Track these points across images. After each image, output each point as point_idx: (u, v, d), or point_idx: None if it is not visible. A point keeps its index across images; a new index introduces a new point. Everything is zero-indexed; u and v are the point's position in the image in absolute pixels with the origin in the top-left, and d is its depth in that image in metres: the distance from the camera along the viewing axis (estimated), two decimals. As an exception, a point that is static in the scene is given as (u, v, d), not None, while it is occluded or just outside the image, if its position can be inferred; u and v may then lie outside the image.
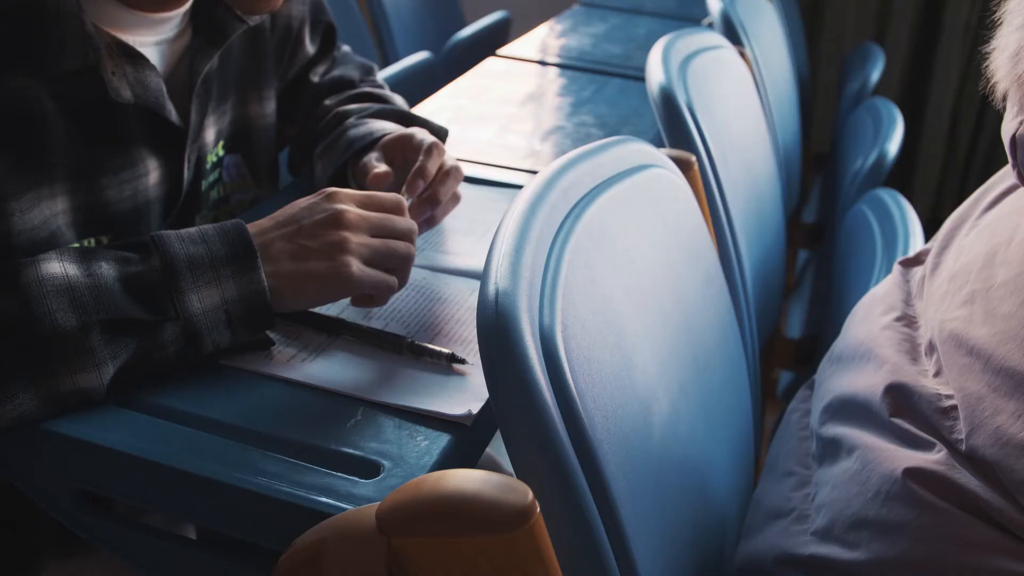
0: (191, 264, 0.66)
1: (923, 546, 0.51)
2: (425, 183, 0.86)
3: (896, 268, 0.70)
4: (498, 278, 0.56)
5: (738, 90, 1.26)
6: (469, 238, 0.91)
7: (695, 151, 0.98)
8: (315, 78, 1.06)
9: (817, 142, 2.64)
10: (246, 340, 0.70)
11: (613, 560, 0.53)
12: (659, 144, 1.01)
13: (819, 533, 0.59)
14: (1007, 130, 0.55)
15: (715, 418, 0.80)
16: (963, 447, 0.52)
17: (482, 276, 0.57)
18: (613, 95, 1.41)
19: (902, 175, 2.62)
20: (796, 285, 2.03)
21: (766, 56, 1.59)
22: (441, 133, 1.00)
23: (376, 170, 0.86)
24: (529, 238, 0.60)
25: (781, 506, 0.65)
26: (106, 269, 0.65)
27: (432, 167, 0.86)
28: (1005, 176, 0.64)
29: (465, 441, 0.64)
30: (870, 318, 0.66)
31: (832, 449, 0.62)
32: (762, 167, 1.29)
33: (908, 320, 0.63)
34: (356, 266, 0.70)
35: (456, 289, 0.82)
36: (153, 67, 0.78)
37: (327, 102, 1.03)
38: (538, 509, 0.46)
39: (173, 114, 0.81)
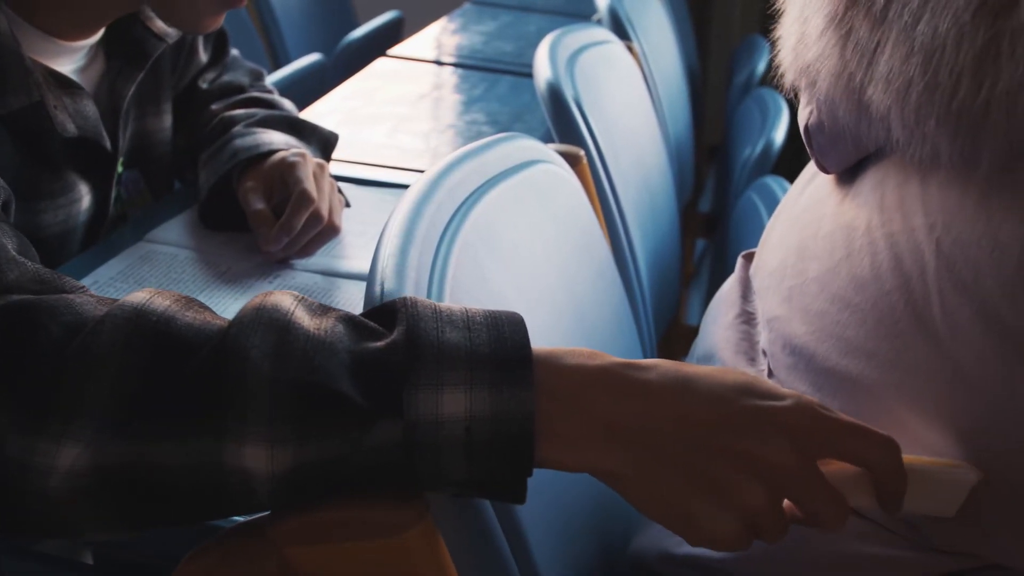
0: (440, 352, 0.46)
1: (793, 539, 0.52)
2: (288, 238, 0.84)
3: (739, 261, 0.69)
4: (383, 279, 0.55)
5: (626, 84, 1.28)
6: (360, 240, 0.91)
7: (584, 146, 0.99)
8: (204, 85, 1.04)
9: (710, 133, 2.71)
10: (487, 481, 0.46)
11: (511, 557, 0.53)
12: (550, 140, 1.02)
13: None
14: (800, 120, 0.56)
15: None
16: None
17: (367, 278, 0.56)
18: (504, 92, 1.42)
19: (790, 162, 2.70)
20: (695, 274, 2.08)
21: (654, 50, 1.62)
22: (330, 139, 0.99)
23: (254, 208, 0.85)
24: (415, 238, 0.59)
25: None
26: (338, 328, 0.47)
27: (297, 222, 0.84)
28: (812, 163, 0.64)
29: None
30: (717, 317, 0.66)
31: None
32: (653, 159, 1.31)
33: (747, 317, 0.63)
34: (733, 534, 0.46)
35: (348, 293, 0.81)
36: (89, 95, 0.79)
37: (213, 107, 1.01)
38: (430, 511, 0.46)
39: (108, 141, 0.81)
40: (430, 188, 0.65)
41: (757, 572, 0.55)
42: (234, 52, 1.09)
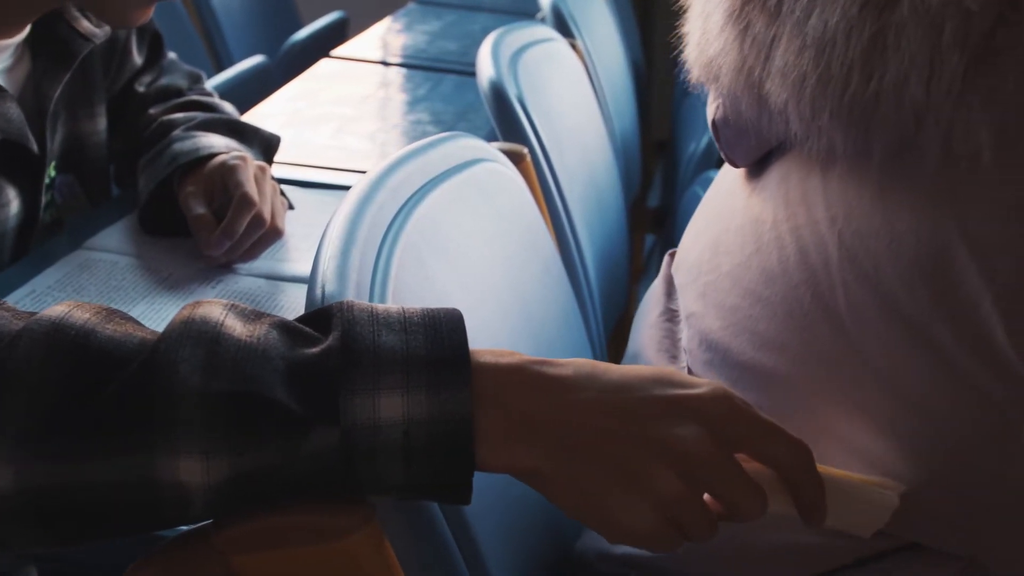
0: (376, 356, 0.45)
1: (731, 530, 0.53)
2: (230, 242, 0.83)
3: (665, 259, 0.69)
4: (324, 282, 0.55)
5: (570, 81, 1.28)
6: (304, 243, 0.90)
7: (528, 144, 0.99)
8: (141, 88, 1.02)
9: (658, 129, 2.73)
10: (428, 484, 0.45)
11: (459, 556, 0.54)
12: (495, 139, 1.02)
13: None
14: (708, 114, 0.57)
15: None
16: None
17: (309, 281, 0.56)
18: (449, 92, 1.41)
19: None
20: (644, 269, 2.10)
21: (598, 47, 1.63)
22: (272, 141, 0.98)
23: (194, 212, 0.84)
24: (356, 240, 0.59)
25: None
26: (272, 335, 0.46)
27: (239, 225, 0.83)
28: None
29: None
30: (644, 315, 0.66)
31: None
32: (599, 156, 1.32)
33: (670, 315, 0.64)
34: (652, 526, 0.46)
35: (292, 296, 0.80)
36: (12, 97, 0.77)
37: (152, 111, 1.00)
38: (375, 513, 0.46)
39: (34, 144, 0.79)
40: (372, 189, 0.65)
41: (690, 567, 0.56)
42: (171, 55, 1.08)
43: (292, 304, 0.80)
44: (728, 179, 0.60)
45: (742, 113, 0.53)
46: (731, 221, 0.56)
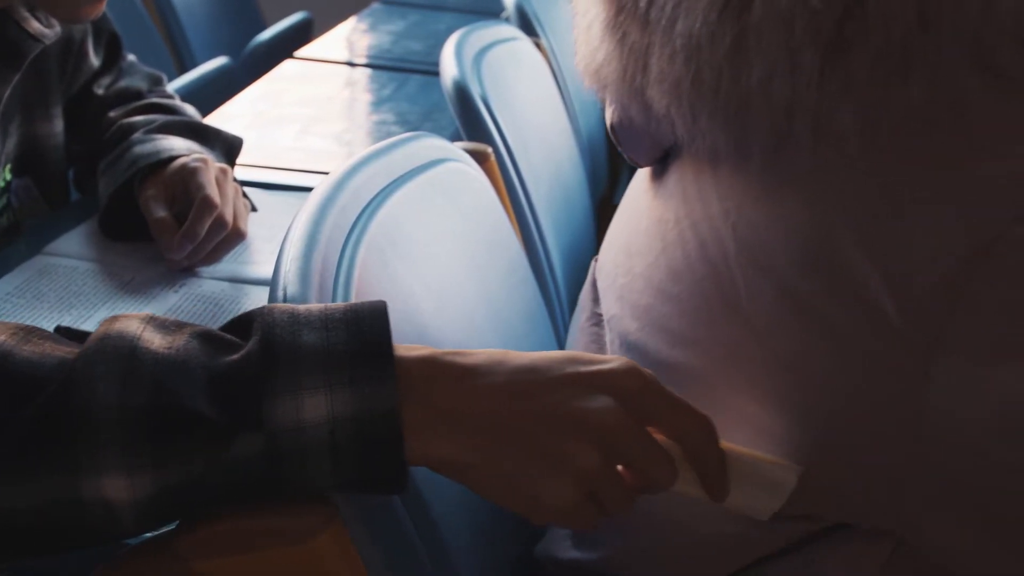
0: (296, 356, 0.44)
1: (650, 530, 0.54)
2: (192, 245, 0.82)
3: (592, 264, 0.70)
4: (286, 284, 0.55)
5: (535, 80, 1.29)
6: (268, 245, 0.89)
7: (492, 143, 1.00)
8: (99, 91, 1.01)
9: (624, 127, 2.73)
10: (359, 480, 0.45)
11: (425, 554, 0.54)
12: (459, 138, 1.02)
13: (573, 537, 0.61)
14: (607, 118, 0.59)
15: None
16: None
17: (271, 284, 0.55)
18: (414, 92, 1.41)
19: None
20: (613, 266, 2.10)
21: (563, 46, 1.63)
22: (235, 143, 0.98)
23: (155, 216, 0.83)
24: (318, 241, 0.59)
25: None
26: (192, 345, 0.45)
27: (201, 228, 0.82)
28: None
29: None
30: (575, 320, 0.67)
31: None
32: (565, 154, 1.32)
33: (596, 319, 0.64)
34: (573, 502, 0.46)
35: (257, 299, 0.80)
36: None
37: (111, 114, 0.99)
38: (339, 515, 0.46)
39: None
40: (334, 190, 0.65)
41: (628, 567, 0.56)
42: (131, 57, 1.07)
43: (256, 306, 0.79)
44: (637, 181, 0.61)
45: (633, 118, 0.54)
46: (639, 223, 0.57)
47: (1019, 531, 0.44)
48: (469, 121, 1.00)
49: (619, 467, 0.47)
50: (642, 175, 0.61)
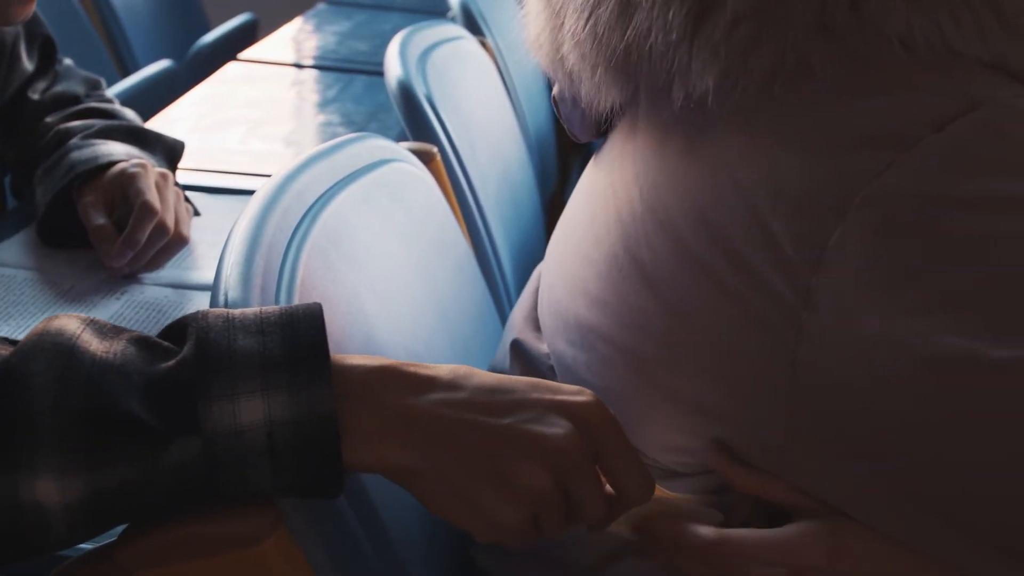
0: (232, 360, 0.44)
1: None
2: (132, 252, 0.81)
3: None
4: (227, 289, 0.54)
5: (481, 80, 1.29)
6: (212, 250, 0.88)
7: (437, 143, 0.99)
8: (35, 95, 0.99)
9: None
10: (294, 484, 0.45)
11: (373, 556, 0.53)
12: (405, 139, 1.02)
13: None
14: (554, 93, 0.62)
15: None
16: None
17: (212, 289, 0.55)
18: (359, 93, 1.41)
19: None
20: (565, 264, 2.10)
21: (510, 45, 1.64)
22: (176, 147, 0.96)
23: (94, 223, 0.82)
24: (260, 245, 0.58)
25: None
26: (129, 350, 0.45)
27: (141, 234, 0.81)
28: None
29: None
30: (526, 288, 0.70)
31: None
32: (513, 153, 1.33)
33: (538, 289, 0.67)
34: (517, 522, 0.46)
35: (201, 305, 0.79)
36: None
37: (47, 120, 0.97)
38: (282, 520, 0.45)
39: None
40: (276, 192, 0.64)
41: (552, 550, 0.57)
42: (68, 61, 1.05)
43: (200, 312, 0.78)
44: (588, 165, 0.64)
45: (560, 84, 0.57)
46: (580, 196, 0.60)
47: (905, 472, 0.45)
48: (414, 121, 1.00)
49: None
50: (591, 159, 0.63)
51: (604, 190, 0.55)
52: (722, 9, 0.46)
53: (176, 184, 0.89)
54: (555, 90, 0.61)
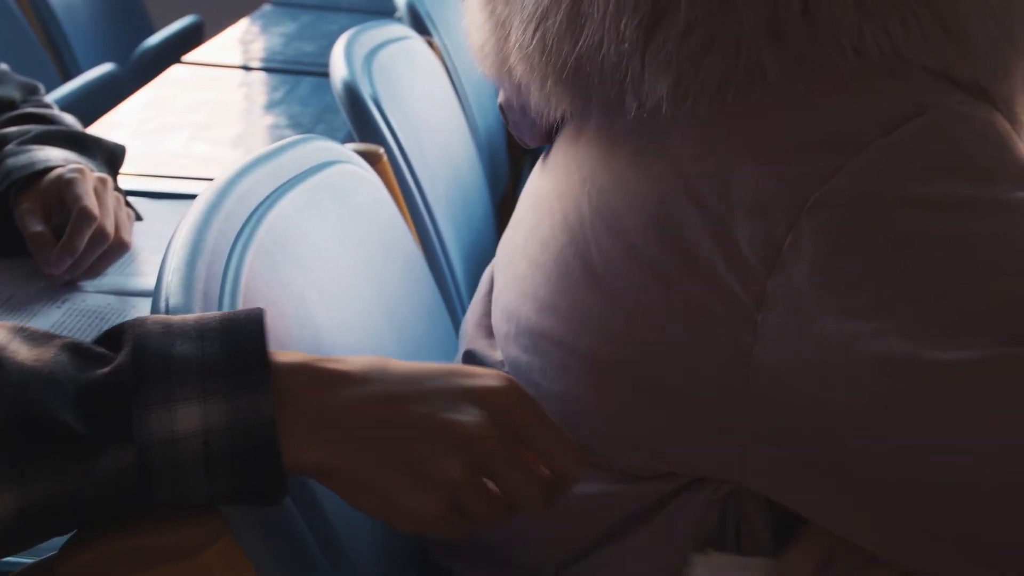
0: (169, 367, 0.43)
1: None
2: (71, 259, 0.79)
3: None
4: (168, 295, 0.53)
5: (428, 80, 1.28)
6: (155, 256, 0.86)
7: (384, 143, 0.99)
8: (-32, 103, 0.96)
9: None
10: (232, 491, 0.44)
11: (323, 559, 0.53)
12: (353, 140, 1.01)
13: None
14: (499, 99, 0.62)
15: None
16: None
17: (152, 295, 0.54)
18: (306, 94, 1.39)
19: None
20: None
21: (457, 45, 1.63)
22: (117, 151, 0.95)
23: (32, 230, 0.80)
24: (202, 250, 0.58)
25: None
26: (60, 357, 0.44)
27: (80, 240, 0.79)
28: None
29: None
30: (477, 292, 0.69)
31: None
32: (462, 153, 1.32)
33: (491, 294, 0.66)
34: (433, 512, 0.46)
35: (145, 311, 0.76)
36: None
37: (-17, 127, 0.95)
38: (227, 528, 0.45)
39: None
40: (219, 196, 0.63)
41: (501, 533, 0.57)
42: (2, 66, 1.02)
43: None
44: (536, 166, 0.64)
45: (508, 93, 0.57)
46: (526, 201, 0.60)
47: (857, 472, 0.46)
48: (360, 122, 1.00)
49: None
50: (539, 160, 0.63)
51: (549, 194, 0.55)
52: (674, 18, 0.46)
53: (116, 189, 0.88)
54: (501, 98, 0.61)
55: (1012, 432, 0.42)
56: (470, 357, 0.63)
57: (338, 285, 0.69)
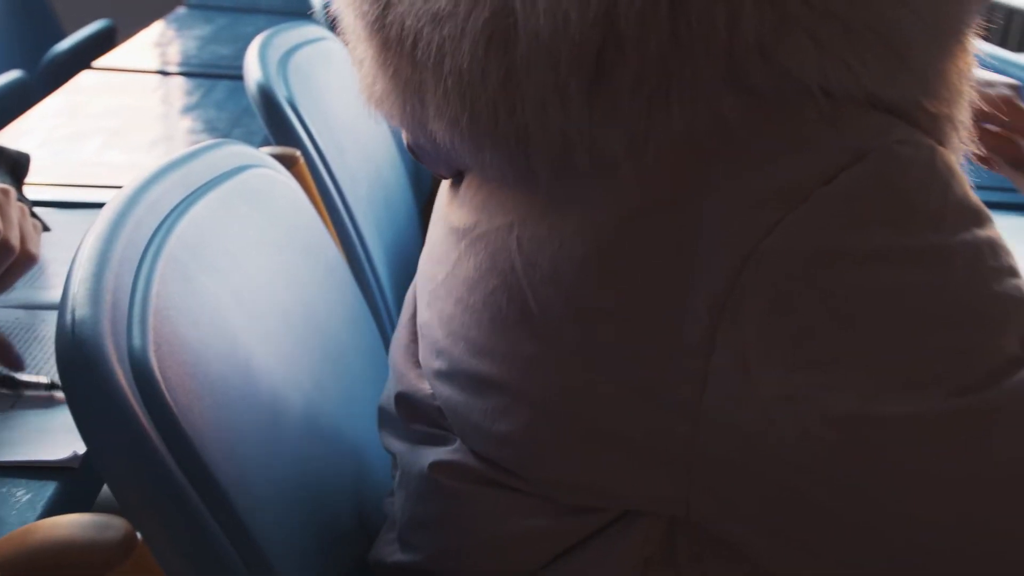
0: None
1: (463, 529, 0.55)
2: None
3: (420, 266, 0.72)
4: (75, 306, 0.52)
5: (348, 80, 1.26)
6: (65, 268, 0.85)
7: (301, 146, 0.98)
8: None
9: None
10: None
11: (239, 560, 0.52)
12: (271, 143, 1.00)
13: (399, 541, 0.61)
14: (404, 138, 0.58)
15: (362, 406, 0.81)
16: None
17: (59, 308, 0.53)
18: (222, 98, 1.37)
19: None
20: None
21: (377, 45, 1.62)
22: (21, 161, 0.92)
23: None
24: (110, 260, 0.57)
25: (386, 513, 0.67)
26: None
27: None
28: None
29: (76, 486, 0.60)
30: (401, 316, 0.67)
31: (392, 458, 0.65)
32: (383, 154, 1.32)
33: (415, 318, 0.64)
34: None
35: (54, 325, 0.75)
36: None
37: None
38: (138, 541, 0.44)
39: None
40: (127, 205, 0.62)
41: (446, 567, 0.57)
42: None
43: (54, 334, 0.75)
44: (442, 186, 0.61)
45: (424, 145, 0.54)
46: (439, 230, 0.57)
47: (801, 523, 0.46)
48: (276, 125, 0.98)
49: None
50: (444, 184, 0.60)
51: (469, 231, 0.53)
52: (623, 73, 0.44)
53: (22, 199, 0.85)
54: (408, 139, 0.57)
55: (961, 484, 0.42)
56: (403, 399, 0.60)
57: (256, 292, 0.69)
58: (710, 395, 0.45)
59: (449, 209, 0.56)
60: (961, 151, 0.51)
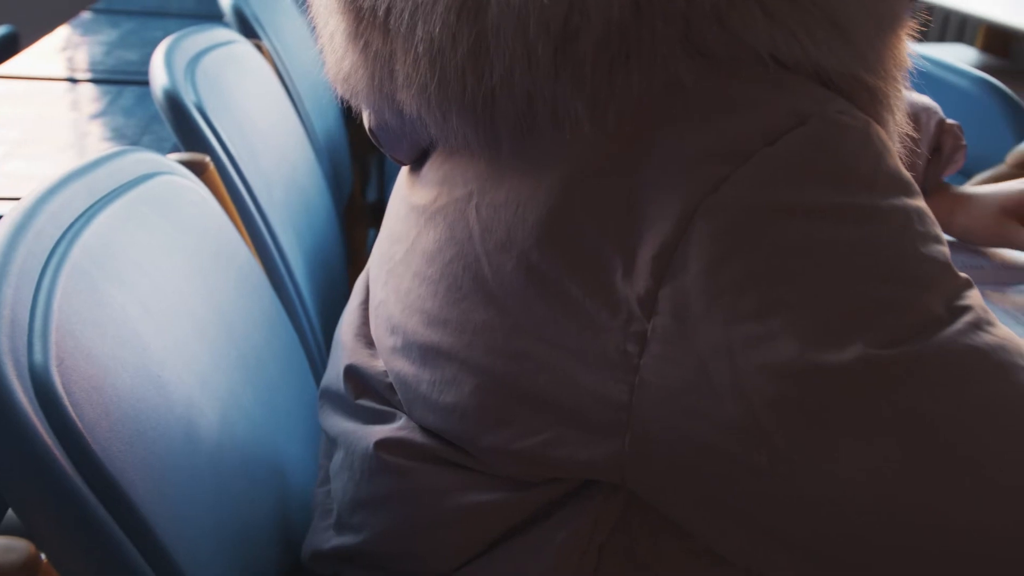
0: None
1: (409, 506, 0.55)
2: None
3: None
4: (-29, 323, 0.50)
5: (258, 84, 1.25)
6: (-33, 283, 0.82)
7: (211, 152, 0.96)
8: None
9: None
10: None
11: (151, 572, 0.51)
12: (180, 150, 0.98)
13: (335, 525, 0.61)
14: (365, 121, 0.60)
15: (282, 413, 0.80)
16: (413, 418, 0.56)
17: (-46, 325, 0.51)
18: (130, 105, 1.34)
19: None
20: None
21: (288, 47, 1.60)
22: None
23: None
24: (9, 273, 0.55)
25: (316, 503, 0.67)
26: None
27: None
28: None
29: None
30: (350, 302, 0.68)
31: (330, 442, 0.65)
32: (299, 156, 1.30)
33: (366, 302, 0.65)
34: None
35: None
36: None
37: None
38: (43, 563, 0.43)
39: None
40: (27, 216, 0.60)
41: (392, 545, 0.58)
42: None
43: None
44: (401, 170, 0.63)
45: (388, 122, 0.55)
46: (399, 208, 0.59)
47: (730, 487, 0.47)
48: (184, 131, 0.96)
49: None
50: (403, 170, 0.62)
51: (429, 207, 0.54)
52: (587, 37, 0.46)
53: None
54: (371, 122, 0.59)
55: (882, 438, 0.43)
56: (352, 371, 0.61)
57: (165, 300, 0.67)
58: (648, 357, 0.46)
59: (410, 191, 0.57)
60: (895, 132, 0.53)
